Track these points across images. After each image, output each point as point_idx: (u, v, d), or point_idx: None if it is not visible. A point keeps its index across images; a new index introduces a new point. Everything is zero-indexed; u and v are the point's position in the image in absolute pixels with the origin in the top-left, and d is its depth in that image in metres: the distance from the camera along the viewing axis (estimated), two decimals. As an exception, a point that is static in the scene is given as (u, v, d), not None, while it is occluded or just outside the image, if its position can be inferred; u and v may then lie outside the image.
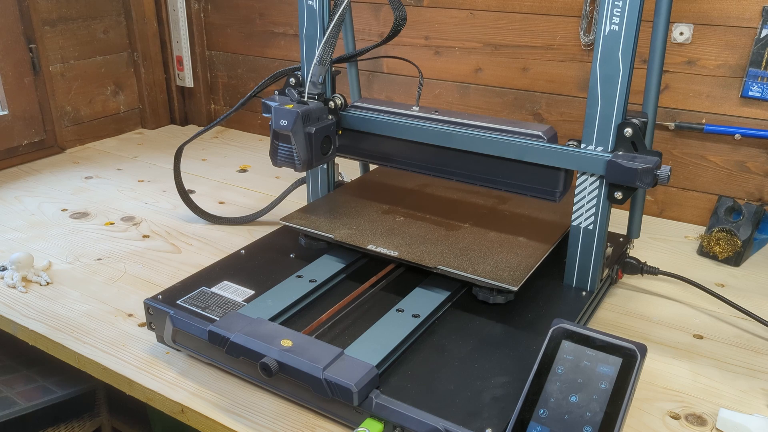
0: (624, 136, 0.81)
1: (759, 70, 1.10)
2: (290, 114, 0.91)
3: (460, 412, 0.66)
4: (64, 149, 1.60)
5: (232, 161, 1.55)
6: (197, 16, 1.70)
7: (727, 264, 1.09)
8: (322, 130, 0.94)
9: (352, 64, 1.17)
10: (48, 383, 1.17)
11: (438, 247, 0.89)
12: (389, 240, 0.91)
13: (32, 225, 1.21)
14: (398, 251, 0.88)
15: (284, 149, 0.93)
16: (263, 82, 1.10)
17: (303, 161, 0.93)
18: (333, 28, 0.93)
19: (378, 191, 1.09)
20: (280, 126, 0.91)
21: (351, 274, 0.93)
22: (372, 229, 0.95)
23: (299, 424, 0.73)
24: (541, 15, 1.27)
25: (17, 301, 0.96)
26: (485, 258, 0.87)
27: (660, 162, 0.80)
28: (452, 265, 0.85)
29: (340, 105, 1.00)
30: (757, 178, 1.16)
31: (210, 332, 0.75)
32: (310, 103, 0.94)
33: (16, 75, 1.47)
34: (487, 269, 0.84)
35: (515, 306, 0.85)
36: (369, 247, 0.89)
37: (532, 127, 0.89)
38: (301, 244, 0.99)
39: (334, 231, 0.94)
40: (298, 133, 0.91)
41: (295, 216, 0.99)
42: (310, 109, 0.92)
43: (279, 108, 0.92)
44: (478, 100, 1.38)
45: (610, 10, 0.77)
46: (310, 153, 0.93)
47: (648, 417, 0.74)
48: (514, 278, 0.82)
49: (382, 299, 0.86)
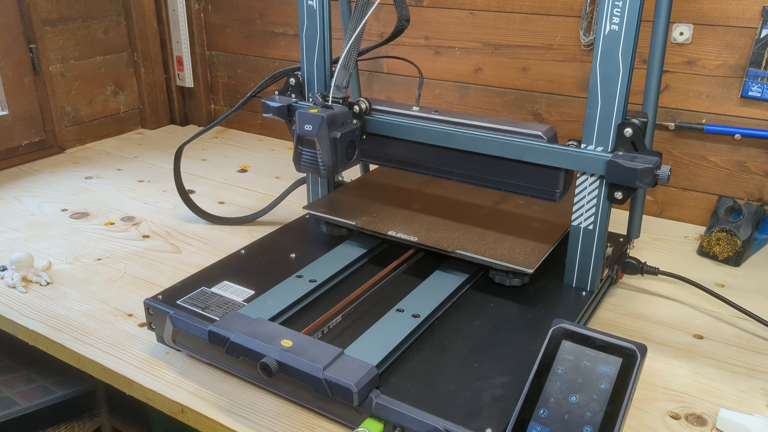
0: (624, 136, 0.81)
1: (759, 70, 1.10)
2: (315, 119, 0.90)
3: (460, 412, 0.66)
4: (64, 149, 1.60)
5: (232, 161, 1.55)
6: (197, 16, 1.70)
7: (727, 264, 1.09)
8: (347, 135, 0.93)
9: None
10: (48, 383, 1.17)
11: (455, 233, 0.93)
12: (408, 226, 0.95)
13: (32, 225, 1.21)
14: (417, 236, 0.92)
15: (308, 154, 0.92)
16: (263, 82, 1.10)
17: (328, 167, 0.92)
18: (358, 30, 0.92)
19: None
20: (305, 131, 0.90)
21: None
22: (391, 216, 0.99)
23: (299, 424, 0.73)
24: (541, 15, 1.27)
25: (17, 301, 0.96)
26: (501, 242, 0.91)
27: (660, 162, 0.80)
28: (470, 249, 0.88)
29: (365, 109, 0.98)
30: (757, 178, 1.16)
31: (210, 332, 0.75)
32: (334, 107, 0.93)
33: (16, 75, 1.47)
34: (503, 253, 0.87)
35: (515, 306, 0.85)
36: (390, 233, 0.93)
37: (532, 127, 0.89)
38: (322, 231, 1.03)
39: (355, 218, 0.97)
40: (323, 138, 0.90)
41: (318, 204, 1.04)
42: (335, 114, 0.91)
43: (303, 113, 0.91)
44: (478, 100, 1.38)
45: (610, 10, 0.77)
46: (335, 158, 0.92)
47: (648, 417, 0.74)
48: (529, 261, 0.85)
49: (382, 299, 0.86)
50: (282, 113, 1.06)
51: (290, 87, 1.08)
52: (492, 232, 0.94)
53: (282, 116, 1.06)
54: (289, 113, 1.07)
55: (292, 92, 1.08)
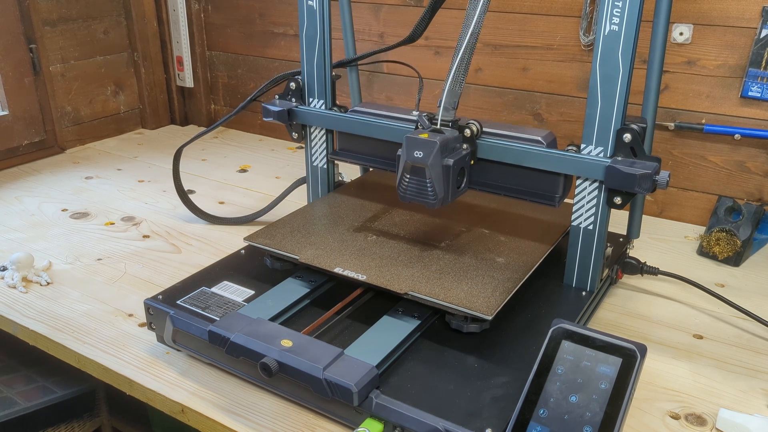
0: (623, 141, 0.81)
1: (759, 70, 1.10)
2: (428, 145, 0.81)
3: (460, 412, 0.66)
4: (64, 149, 1.60)
5: (232, 161, 1.55)
6: (197, 16, 1.70)
7: (727, 264, 1.09)
8: (458, 162, 0.84)
9: (353, 68, 1.17)
10: (48, 383, 1.17)
11: (410, 270, 0.84)
12: (359, 261, 0.86)
13: (32, 225, 1.21)
14: (367, 275, 0.82)
15: (416, 183, 0.83)
16: (263, 86, 1.10)
17: (439, 197, 0.83)
18: (465, 48, 0.84)
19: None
20: (415, 158, 0.82)
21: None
22: (341, 249, 0.89)
23: (299, 424, 0.73)
24: (541, 15, 1.27)
25: (17, 301, 0.96)
26: (459, 282, 0.81)
27: (659, 167, 0.80)
28: (423, 290, 0.79)
29: (476, 132, 0.88)
30: (757, 178, 1.16)
31: (210, 332, 0.75)
32: (445, 131, 0.84)
33: (16, 75, 1.47)
34: (460, 295, 0.78)
35: (515, 307, 0.85)
36: (336, 270, 0.84)
37: (531, 132, 0.89)
38: (266, 265, 0.92)
39: (300, 251, 0.88)
40: (436, 166, 0.81)
41: (261, 234, 0.93)
42: (447, 139, 0.83)
43: (414, 138, 0.82)
44: (478, 100, 1.38)
45: (610, 10, 0.77)
46: (447, 187, 0.83)
47: (648, 417, 0.74)
48: (488, 305, 0.76)
49: (382, 299, 0.86)
50: (282, 117, 1.06)
51: (290, 91, 1.08)
52: (453, 269, 0.85)
53: (282, 121, 1.06)
54: (290, 117, 1.07)
55: (292, 96, 1.08)
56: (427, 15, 0.99)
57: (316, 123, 1.07)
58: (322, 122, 1.06)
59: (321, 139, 1.08)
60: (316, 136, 1.09)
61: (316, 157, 1.10)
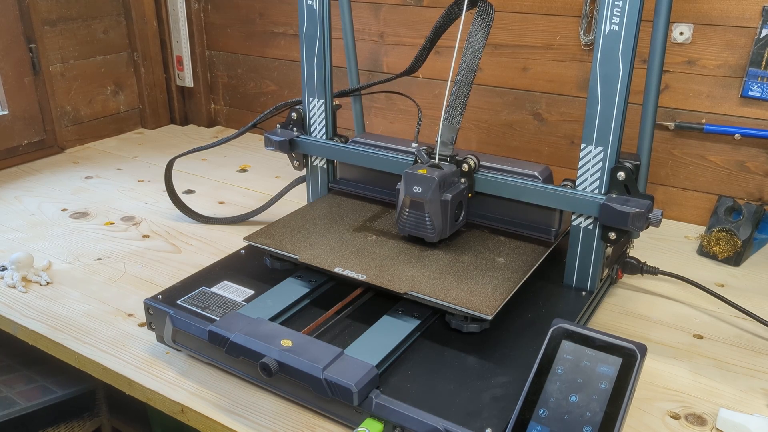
0: (617, 179, 0.82)
1: (759, 70, 1.10)
2: (427, 181, 0.84)
3: (460, 412, 0.66)
4: (64, 149, 1.60)
5: (232, 161, 1.55)
6: (197, 16, 1.70)
7: (727, 264, 1.09)
8: (456, 196, 0.87)
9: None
10: (48, 383, 1.17)
11: (410, 270, 0.84)
12: (359, 261, 0.86)
13: (32, 225, 1.21)
14: (367, 274, 0.83)
15: (414, 216, 0.87)
16: (264, 114, 1.12)
17: (438, 231, 0.86)
18: (462, 84, 0.87)
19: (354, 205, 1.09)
20: (414, 193, 0.85)
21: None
22: (341, 249, 0.89)
23: (299, 424, 0.73)
24: (541, 15, 1.27)
25: (17, 301, 0.96)
26: (459, 282, 0.81)
27: (652, 205, 0.82)
28: (423, 290, 0.79)
29: (474, 167, 0.90)
30: (757, 178, 1.16)
31: (210, 332, 0.75)
32: (443, 166, 0.87)
33: (16, 75, 1.47)
34: (460, 295, 0.78)
35: (515, 307, 0.85)
36: (336, 270, 0.84)
37: (527, 167, 0.91)
38: (266, 265, 0.92)
39: (300, 251, 0.88)
40: (434, 201, 0.84)
41: (261, 234, 0.93)
42: (445, 174, 0.86)
43: (413, 174, 0.85)
44: (478, 100, 1.38)
45: (610, 10, 0.77)
46: (445, 221, 0.86)
47: (648, 417, 0.74)
48: (488, 305, 0.76)
49: (382, 299, 0.86)
50: (284, 147, 1.08)
51: (292, 121, 1.08)
52: (453, 268, 0.85)
53: (284, 150, 1.08)
54: (291, 147, 1.08)
55: (293, 126, 1.09)
56: (427, 46, 1.01)
57: (317, 153, 1.08)
58: (323, 152, 1.07)
59: (322, 168, 1.10)
60: (317, 165, 1.10)
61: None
